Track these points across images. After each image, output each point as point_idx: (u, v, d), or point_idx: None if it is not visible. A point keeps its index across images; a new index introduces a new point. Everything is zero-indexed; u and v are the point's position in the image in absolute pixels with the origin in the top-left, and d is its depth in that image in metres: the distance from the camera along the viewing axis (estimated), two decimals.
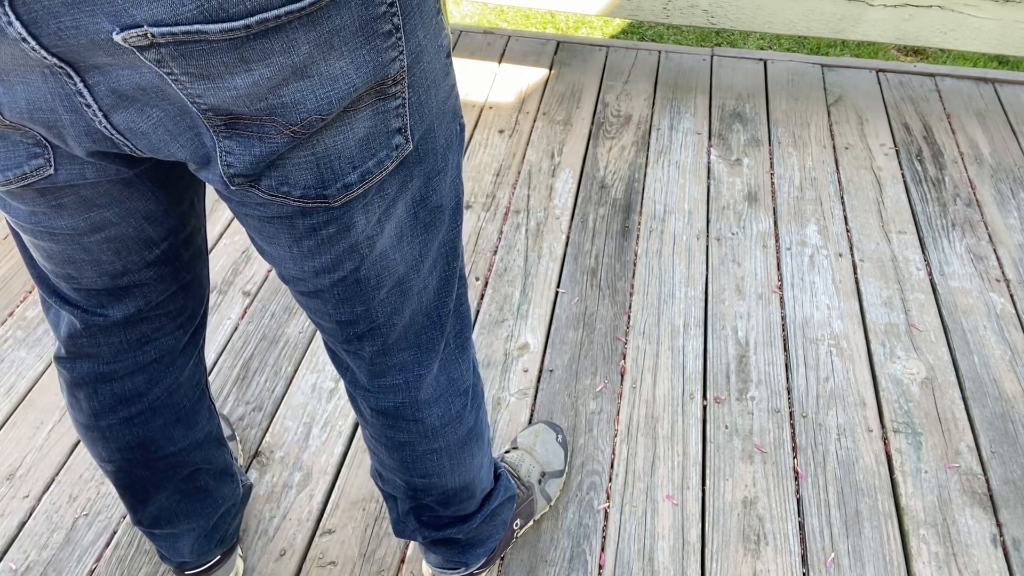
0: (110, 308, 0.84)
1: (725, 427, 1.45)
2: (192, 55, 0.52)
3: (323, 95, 0.57)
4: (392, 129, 0.65)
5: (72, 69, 0.54)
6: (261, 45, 0.53)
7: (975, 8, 2.10)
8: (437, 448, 0.95)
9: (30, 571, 1.24)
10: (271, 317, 1.64)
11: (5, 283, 1.72)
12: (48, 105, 0.58)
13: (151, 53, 0.52)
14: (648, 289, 1.71)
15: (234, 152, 0.60)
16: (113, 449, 0.96)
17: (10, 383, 1.51)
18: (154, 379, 0.93)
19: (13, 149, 0.63)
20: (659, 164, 2.04)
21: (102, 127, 0.59)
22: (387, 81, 0.61)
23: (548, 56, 2.44)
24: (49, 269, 0.80)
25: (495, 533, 1.14)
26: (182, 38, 0.51)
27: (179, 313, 0.90)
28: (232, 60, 0.53)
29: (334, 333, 0.83)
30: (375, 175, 0.66)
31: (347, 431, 1.44)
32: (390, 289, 0.78)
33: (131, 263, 0.80)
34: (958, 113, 2.24)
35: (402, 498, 1.03)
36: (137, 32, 0.50)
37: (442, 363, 0.90)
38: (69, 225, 0.72)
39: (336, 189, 0.65)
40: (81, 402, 0.92)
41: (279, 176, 0.62)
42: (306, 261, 0.72)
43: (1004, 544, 1.30)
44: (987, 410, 1.48)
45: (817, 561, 1.27)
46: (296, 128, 0.58)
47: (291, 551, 1.27)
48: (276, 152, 0.60)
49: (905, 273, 1.75)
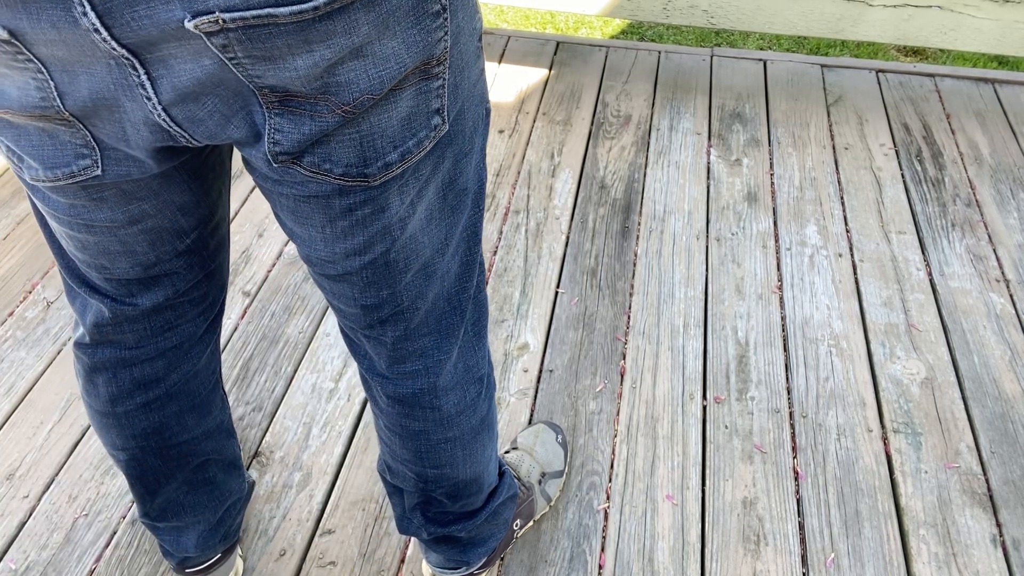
0: (140, 297, 0.85)
1: (725, 427, 1.45)
2: (259, 38, 0.53)
3: (375, 75, 0.59)
4: (432, 109, 0.66)
5: (138, 61, 0.55)
6: (325, 26, 0.54)
7: (975, 8, 2.10)
8: (452, 437, 0.95)
9: (30, 571, 1.24)
10: (271, 317, 1.64)
11: (5, 283, 1.72)
12: (111, 95, 0.58)
13: (218, 38, 0.53)
14: (648, 289, 1.71)
15: (283, 130, 0.61)
16: (128, 436, 0.97)
17: (10, 383, 1.51)
18: (173, 365, 0.94)
19: (61, 149, 0.64)
20: (659, 164, 2.04)
21: (161, 119, 0.60)
22: (432, 61, 0.62)
23: (548, 56, 2.44)
24: (81, 259, 0.81)
25: (497, 532, 1.14)
26: (252, 22, 0.52)
27: (202, 300, 0.92)
28: (296, 42, 0.54)
29: (356, 319, 0.83)
30: (414, 155, 0.67)
31: (347, 431, 1.44)
32: (416, 272, 0.79)
33: (163, 253, 0.81)
34: (958, 113, 2.24)
35: (411, 491, 1.03)
36: (208, 18, 0.51)
37: (460, 350, 0.91)
38: (108, 218, 0.73)
39: (377, 168, 0.66)
40: (99, 387, 0.93)
41: (323, 153, 0.63)
42: (338, 242, 0.72)
43: (1004, 544, 1.30)
44: (987, 410, 1.49)
45: (817, 561, 1.27)
46: (348, 108, 0.60)
47: (291, 551, 1.27)
48: (325, 131, 0.61)
49: (905, 273, 1.75)
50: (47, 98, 0.59)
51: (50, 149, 0.64)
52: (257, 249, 1.80)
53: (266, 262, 1.77)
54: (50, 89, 0.58)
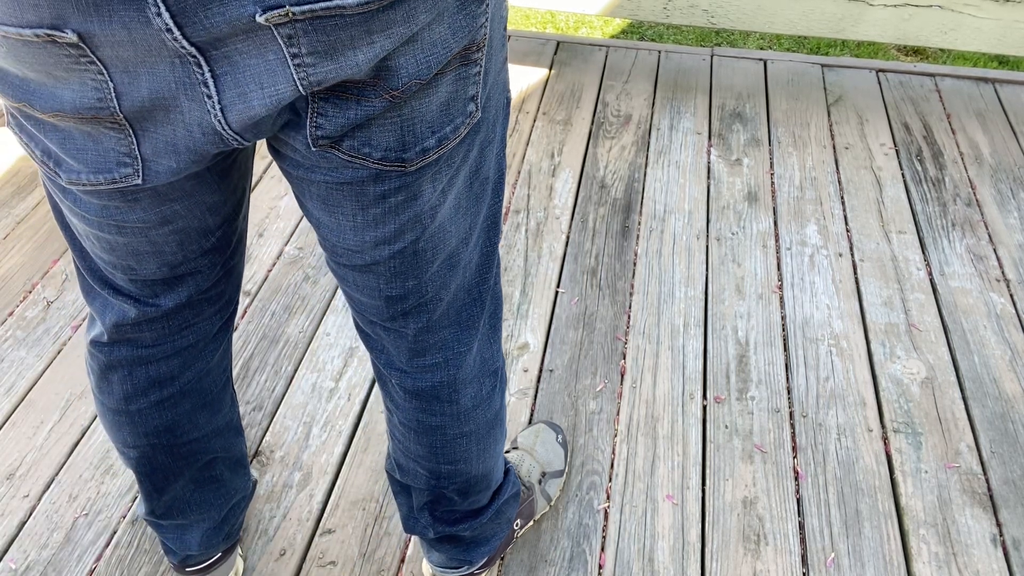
0: (163, 297, 0.85)
1: (725, 427, 1.45)
2: (324, 30, 0.54)
3: (423, 59, 0.59)
4: (468, 96, 0.67)
5: (204, 58, 0.55)
6: (387, 16, 0.55)
7: (975, 8, 2.10)
8: (467, 432, 0.95)
9: (30, 571, 1.24)
10: (271, 317, 1.64)
11: (5, 283, 1.72)
12: (171, 93, 0.58)
13: (286, 29, 0.53)
14: (648, 289, 1.71)
15: (327, 114, 0.61)
16: (140, 434, 0.97)
17: (10, 383, 1.51)
18: (188, 363, 0.94)
19: (104, 155, 0.63)
20: (659, 164, 2.04)
21: (216, 120, 0.59)
22: (473, 46, 0.63)
23: (548, 56, 2.44)
24: (107, 261, 0.80)
25: (499, 532, 1.14)
26: (320, 14, 0.53)
27: (219, 298, 0.92)
28: (359, 33, 0.55)
29: (378, 311, 0.82)
30: (450, 140, 0.68)
31: (347, 431, 1.44)
32: (442, 262, 0.79)
33: (190, 252, 0.81)
34: (958, 113, 2.24)
35: (420, 489, 1.03)
36: (279, 12, 0.52)
37: (479, 342, 0.91)
38: (140, 219, 0.73)
39: (415, 152, 0.66)
40: (114, 385, 0.93)
41: (363, 137, 0.63)
42: (367, 231, 0.72)
43: (1004, 544, 1.30)
44: (987, 410, 1.49)
45: (817, 561, 1.27)
46: (396, 93, 0.60)
47: (291, 551, 1.27)
48: (370, 115, 0.61)
49: (905, 273, 1.75)
50: (104, 99, 0.58)
51: (93, 154, 0.63)
52: (257, 249, 1.80)
53: (266, 262, 1.77)
54: (108, 90, 0.57)
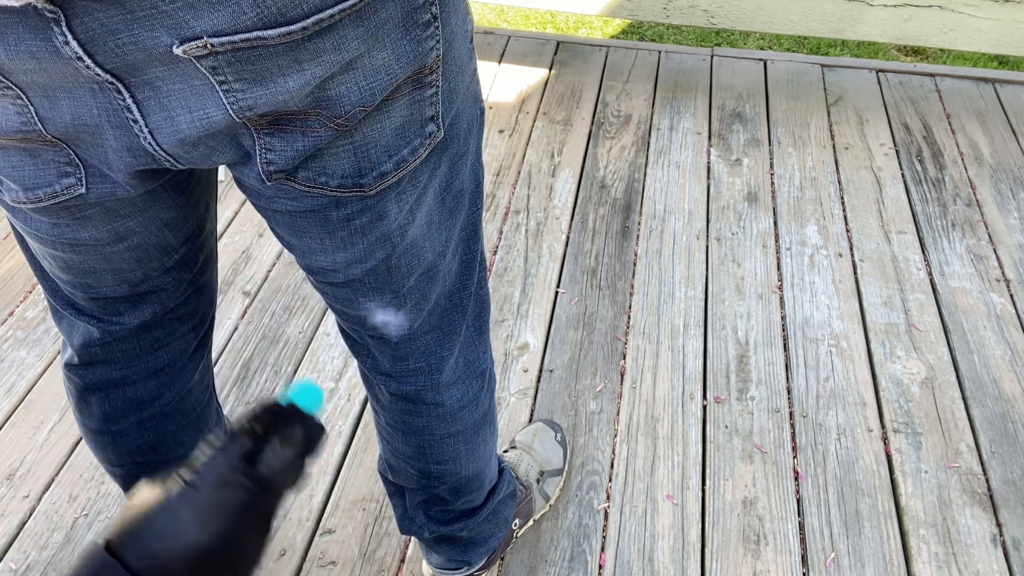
0: (127, 315, 0.84)
1: (725, 427, 1.45)
2: (248, 60, 0.53)
3: (366, 86, 0.58)
4: (426, 117, 0.66)
5: (122, 84, 0.54)
6: (315, 45, 0.54)
7: (975, 8, 2.10)
8: (454, 432, 0.95)
9: (30, 571, 1.24)
10: (271, 317, 1.64)
11: (5, 283, 1.72)
12: (94, 120, 0.57)
13: (208, 61, 0.52)
14: (648, 289, 1.71)
15: (275, 148, 0.60)
16: (123, 453, 0.95)
17: (10, 383, 1.51)
18: (166, 384, 0.93)
19: (44, 168, 0.62)
20: (659, 164, 2.04)
21: (146, 143, 0.58)
22: (424, 70, 0.62)
23: (548, 56, 2.44)
24: (65, 280, 0.79)
25: (497, 532, 1.14)
26: (241, 45, 0.52)
27: (191, 316, 0.90)
28: (286, 62, 0.54)
29: (360, 321, 0.83)
30: (409, 163, 0.67)
31: (347, 431, 1.44)
32: (419, 276, 0.79)
33: (151, 270, 0.80)
34: (958, 113, 2.24)
35: (413, 490, 1.03)
36: (197, 44, 0.51)
37: (462, 346, 0.91)
38: (92, 236, 0.72)
39: (372, 178, 0.65)
40: (92, 407, 0.91)
41: (317, 167, 0.63)
42: (338, 252, 0.72)
43: (1004, 544, 1.30)
44: (987, 410, 1.48)
45: (817, 561, 1.27)
46: (340, 120, 0.59)
47: (291, 551, 1.27)
48: (318, 145, 0.61)
49: (905, 273, 1.75)
50: (28, 122, 0.57)
51: (31, 169, 0.62)
52: (257, 249, 1.80)
53: (266, 262, 1.77)
54: (30, 113, 0.57)
